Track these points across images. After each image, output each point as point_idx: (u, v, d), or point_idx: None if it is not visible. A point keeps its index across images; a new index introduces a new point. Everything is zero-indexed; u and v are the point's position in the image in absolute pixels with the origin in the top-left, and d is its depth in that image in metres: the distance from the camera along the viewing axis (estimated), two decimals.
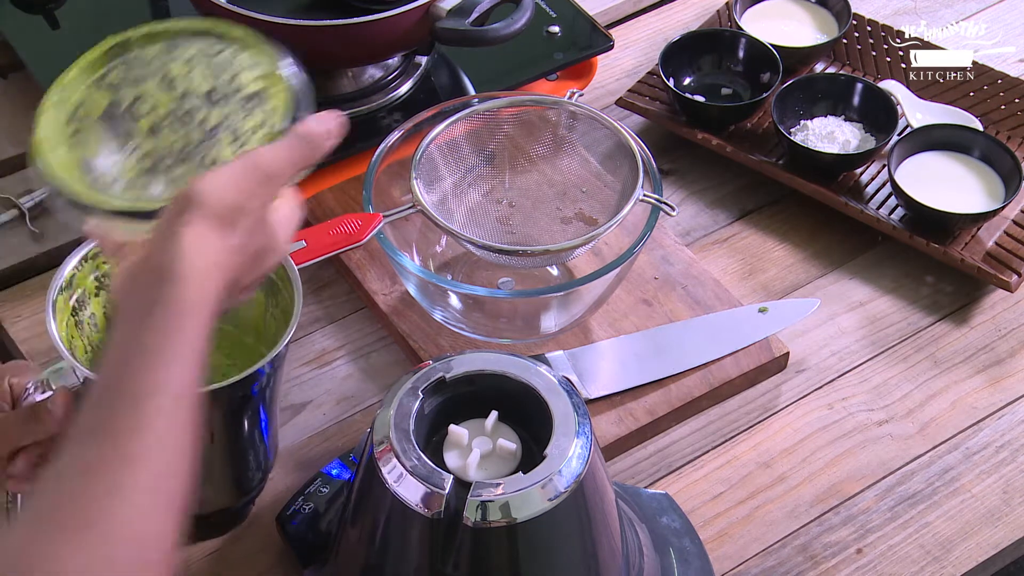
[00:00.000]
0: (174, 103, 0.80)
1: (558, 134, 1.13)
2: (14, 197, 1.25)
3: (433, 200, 1.07)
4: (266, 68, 0.81)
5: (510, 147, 1.14)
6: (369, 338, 1.16)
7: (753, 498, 1.04)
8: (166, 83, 0.81)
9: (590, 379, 1.08)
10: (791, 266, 1.22)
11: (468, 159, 1.12)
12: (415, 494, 0.81)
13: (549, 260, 1.10)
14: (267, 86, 0.80)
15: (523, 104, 1.12)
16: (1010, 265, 1.17)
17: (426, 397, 0.86)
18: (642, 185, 1.05)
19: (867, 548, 1.01)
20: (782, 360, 1.12)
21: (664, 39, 1.35)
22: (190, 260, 0.68)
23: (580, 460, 0.83)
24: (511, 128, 1.13)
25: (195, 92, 0.80)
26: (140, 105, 0.81)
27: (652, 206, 1.05)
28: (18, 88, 1.36)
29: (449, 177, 1.11)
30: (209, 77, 0.81)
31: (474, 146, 1.12)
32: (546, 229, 1.14)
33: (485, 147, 1.12)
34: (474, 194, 1.14)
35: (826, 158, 1.23)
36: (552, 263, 1.12)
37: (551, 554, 0.85)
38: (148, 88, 0.82)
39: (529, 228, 1.14)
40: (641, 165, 1.06)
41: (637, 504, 0.99)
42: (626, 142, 1.08)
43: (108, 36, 0.87)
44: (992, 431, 1.09)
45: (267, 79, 0.80)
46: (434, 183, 1.09)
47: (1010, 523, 1.03)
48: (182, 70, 0.81)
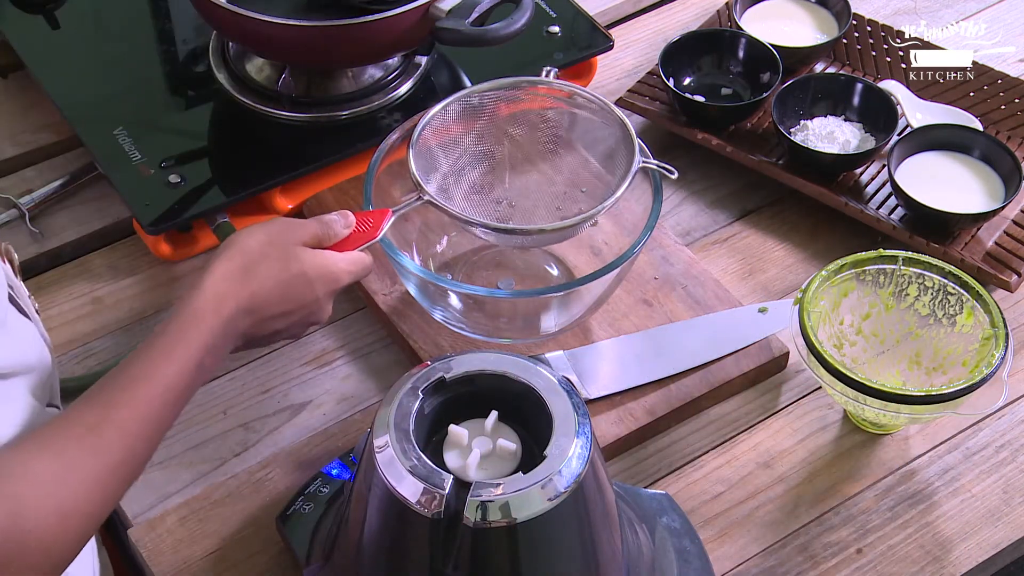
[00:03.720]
0: None
1: (558, 134, 1.12)
2: (14, 197, 1.25)
3: (433, 191, 1.06)
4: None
5: (510, 147, 1.14)
6: (369, 338, 1.16)
7: (753, 498, 1.04)
8: None
9: (590, 379, 1.08)
10: (791, 266, 1.22)
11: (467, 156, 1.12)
12: (415, 494, 0.81)
13: (558, 237, 1.08)
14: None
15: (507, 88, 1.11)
16: (1010, 265, 1.17)
17: (426, 397, 0.86)
18: (639, 152, 1.04)
19: (867, 548, 1.01)
20: (782, 360, 1.12)
21: (664, 39, 1.35)
22: (211, 282, 0.90)
23: (580, 460, 0.83)
24: (511, 127, 1.12)
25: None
26: None
27: (653, 205, 1.05)
28: (18, 88, 1.37)
29: (447, 168, 1.10)
30: None
31: (473, 143, 1.11)
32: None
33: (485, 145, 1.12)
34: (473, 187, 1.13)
35: (826, 158, 1.23)
36: (561, 239, 1.10)
37: (551, 554, 0.85)
38: None
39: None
40: (635, 136, 1.05)
41: (637, 504, 0.99)
42: (617, 116, 1.07)
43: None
44: (992, 431, 1.09)
45: None
46: (431, 173, 1.08)
47: (1010, 523, 1.03)
48: None
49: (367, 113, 1.25)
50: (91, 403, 0.83)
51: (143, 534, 1.02)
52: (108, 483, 0.81)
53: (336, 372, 1.13)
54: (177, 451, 1.08)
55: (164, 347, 0.86)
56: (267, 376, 1.13)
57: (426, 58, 1.28)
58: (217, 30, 1.28)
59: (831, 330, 1.07)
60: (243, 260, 0.92)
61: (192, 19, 1.33)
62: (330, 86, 1.25)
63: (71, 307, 1.18)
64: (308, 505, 0.99)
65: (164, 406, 0.85)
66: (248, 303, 0.91)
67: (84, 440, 0.80)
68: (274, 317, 0.93)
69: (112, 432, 0.81)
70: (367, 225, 1.01)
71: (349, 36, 1.15)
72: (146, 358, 0.86)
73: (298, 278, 0.94)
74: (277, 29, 1.14)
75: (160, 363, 0.85)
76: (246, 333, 0.92)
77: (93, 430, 0.81)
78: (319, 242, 0.97)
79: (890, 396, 0.99)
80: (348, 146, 1.23)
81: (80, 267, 1.22)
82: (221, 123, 1.27)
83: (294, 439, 1.08)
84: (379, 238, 1.01)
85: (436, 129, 1.08)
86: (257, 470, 1.06)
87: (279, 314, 0.94)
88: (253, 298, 0.91)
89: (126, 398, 0.83)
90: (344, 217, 0.99)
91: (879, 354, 1.09)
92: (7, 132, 1.33)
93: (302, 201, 1.23)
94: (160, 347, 0.86)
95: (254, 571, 1.00)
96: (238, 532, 1.02)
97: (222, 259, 0.92)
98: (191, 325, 0.88)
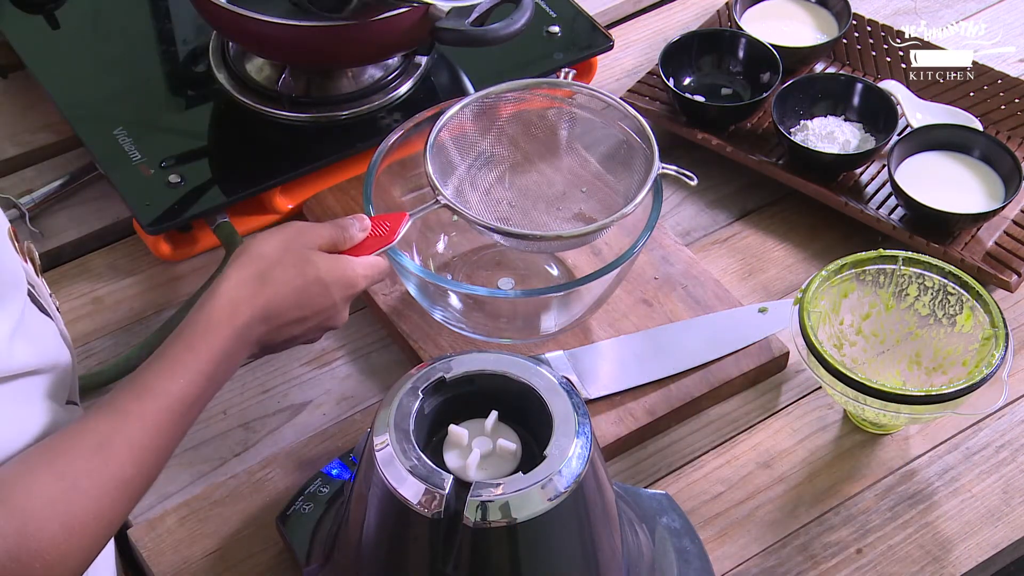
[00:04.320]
0: None
1: (559, 134, 1.12)
2: (14, 197, 1.25)
3: (450, 194, 1.06)
4: None
5: (511, 147, 1.14)
6: (369, 338, 1.16)
7: (753, 498, 1.04)
8: None
9: (590, 379, 1.08)
10: (791, 266, 1.22)
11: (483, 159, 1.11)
12: (415, 494, 0.81)
13: (576, 243, 1.06)
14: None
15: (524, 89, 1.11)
16: (1010, 265, 1.17)
17: (426, 397, 0.86)
18: (659, 158, 1.04)
19: (867, 548, 1.01)
20: (782, 360, 1.12)
21: (664, 39, 1.35)
22: (226, 289, 0.89)
23: (580, 460, 0.83)
24: (511, 127, 1.12)
25: None
26: None
27: (653, 206, 1.05)
28: (18, 88, 1.37)
29: (463, 171, 1.10)
30: None
31: (490, 146, 1.11)
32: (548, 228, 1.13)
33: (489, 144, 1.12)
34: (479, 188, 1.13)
35: (826, 158, 1.23)
36: (579, 245, 1.09)
37: (551, 554, 0.85)
38: None
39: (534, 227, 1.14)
40: (655, 139, 1.05)
41: (637, 504, 0.99)
42: (635, 119, 1.07)
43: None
44: (992, 431, 1.09)
45: None
46: (448, 176, 1.08)
47: (1010, 523, 1.03)
48: None
49: (367, 113, 1.25)
50: (102, 415, 0.82)
51: (143, 534, 1.02)
52: (117, 499, 0.80)
53: (336, 372, 1.13)
54: (177, 451, 1.07)
55: (176, 357, 0.86)
56: (267, 376, 1.13)
57: (426, 58, 1.28)
58: (217, 30, 1.28)
59: (831, 330, 1.07)
60: (258, 266, 0.91)
61: (192, 19, 1.33)
62: (330, 86, 1.25)
63: (71, 307, 1.18)
64: (308, 505, 0.99)
65: (175, 418, 0.84)
66: (263, 311, 0.90)
67: (93, 456, 0.79)
68: (290, 323, 0.92)
69: (122, 448, 0.80)
70: (383, 229, 1.00)
71: (349, 36, 1.16)
72: (158, 368, 0.85)
73: (314, 284, 0.93)
74: (277, 29, 1.14)
75: (171, 374, 0.84)
76: (261, 340, 0.91)
77: (103, 446, 0.80)
78: (334, 246, 0.96)
79: (890, 396, 0.99)
80: (348, 146, 1.23)
81: (80, 267, 1.22)
82: (221, 123, 1.27)
83: (294, 439, 1.08)
84: (394, 243, 0.99)
85: (452, 130, 1.08)
86: (257, 470, 1.06)
87: (295, 320, 0.93)
88: (269, 305, 0.90)
89: (137, 411, 0.82)
90: (360, 221, 0.98)
91: (879, 354, 1.09)
92: (7, 132, 1.33)
93: (302, 201, 1.23)
94: (172, 357, 0.86)
95: (254, 571, 1.00)
96: (238, 532, 1.02)
97: (237, 266, 0.91)
98: (204, 335, 0.87)
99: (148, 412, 0.82)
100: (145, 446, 0.82)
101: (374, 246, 0.99)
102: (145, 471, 0.82)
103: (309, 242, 0.94)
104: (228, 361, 0.88)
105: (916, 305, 1.08)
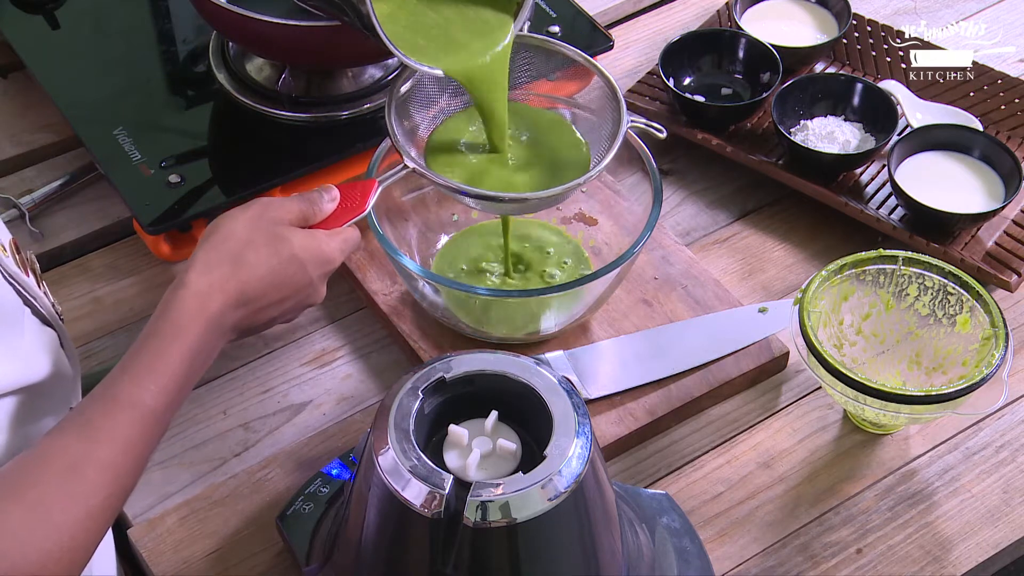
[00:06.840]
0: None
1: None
2: (14, 197, 1.25)
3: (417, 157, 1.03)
4: None
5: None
6: (369, 338, 1.16)
7: (753, 498, 1.04)
8: None
9: (590, 379, 1.08)
10: (791, 266, 1.22)
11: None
12: (415, 494, 0.81)
13: (545, 203, 1.05)
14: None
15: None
16: (1010, 265, 1.17)
17: (426, 397, 0.86)
18: (626, 112, 1.04)
19: (867, 548, 1.01)
20: (782, 360, 1.12)
21: (664, 39, 1.35)
22: (194, 278, 0.85)
23: (580, 460, 0.83)
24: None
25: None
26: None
27: (653, 206, 1.05)
28: (18, 88, 1.37)
29: (426, 134, 1.09)
30: None
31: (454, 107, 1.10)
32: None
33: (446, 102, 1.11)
34: None
35: (826, 158, 1.23)
36: (549, 206, 1.07)
37: (551, 554, 0.85)
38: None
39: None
40: (621, 96, 1.05)
41: (637, 504, 0.99)
42: (605, 78, 1.07)
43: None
44: (992, 431, 1.09)
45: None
46: (412, 140, 1.06)
47: (1010, 523, 1.03)
48: None
49: (367, 113, 1.25)
50: (69, 435, 0.78)
51: (143, 534, 1.02)
52: (93, 522, 0.77)
53: (336, 372, 1.13)
54: (177, 451, 1.08)
55: (145, 363, 0.82)
56: (267, 376, 1.13)
57: None
58: (217, 30, 1.28)
59: (831, 330, 1.07)
60: (229, 248, 0.87)
61: (192, 19, 1.33)
62: (330, 86, 1.25)
63: (71, 307, 1.18)
64: (308, 505, 0.99)
65: (147, 430, 0.80)
66: (237, 296, 0.87)
67: (64, 484, 0.76)
68: (268, 306, 0.89)
69: (93, 472, 0.77)
70: (353, 198, 0.97)
71: (349, 36, 1.15)
72: (127, 378, 0.81)
73: (290, 262, 0.89)
74: (277, 29, 1.14)
75: (140, 382, 0.81)
76: (238, 326, 0.88)
77: (74, 471, 0.76)
78: (305, 220, 0.93)
79: (890, 396, 0.99)
80: (348, 146, 1.23)
81: (80, 267, 1.22)
82: (221, 123, 1.27)
83: (294, 439, 1.08)
84: (367, 212, 0.97)
85: (417, 98, 1.07)
86: (257, 470, 1.06)
87: (273, 302, 0.89)
88: (244, 289, 0.87)
89: (107, 427, 0.78)
90: (328, 192, 0.95)
91: (879, 354, 1.09)
92: (7, 132, 1.33)
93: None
94: (142, 363, 0.82)
95: (254, 571, 1.00)
96: (238, 532, 1.02)
97: (205, 248, 0.87)
98: (174, 336, 0.83)
99: (119, 426, 0.79)
100: (117, 465, 0.78)
101: (344, 217, 0.96)
102: (121, 488, 0.79)
103: (279, 218, 0.90)
104: (204, 355, 0.85)
105: (916, 305, 1.08)
